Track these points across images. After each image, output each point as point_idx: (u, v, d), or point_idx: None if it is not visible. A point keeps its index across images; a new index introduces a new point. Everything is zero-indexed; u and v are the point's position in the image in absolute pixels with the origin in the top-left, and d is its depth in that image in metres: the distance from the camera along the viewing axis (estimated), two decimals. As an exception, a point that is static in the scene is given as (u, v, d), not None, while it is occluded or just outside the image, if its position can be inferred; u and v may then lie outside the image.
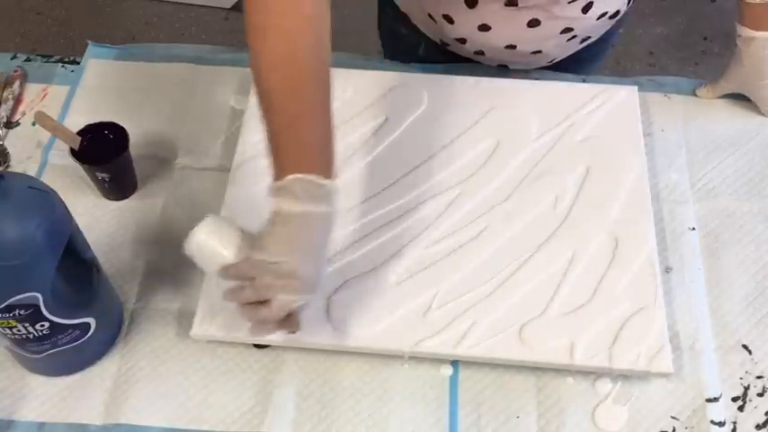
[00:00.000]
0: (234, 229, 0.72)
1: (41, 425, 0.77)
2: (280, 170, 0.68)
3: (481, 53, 0.99)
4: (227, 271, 0.70)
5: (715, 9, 2.30)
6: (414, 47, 1.05)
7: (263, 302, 0.70)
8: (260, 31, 0.70)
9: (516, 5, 0.89)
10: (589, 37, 0.99)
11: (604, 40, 1.04)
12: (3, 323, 0.69)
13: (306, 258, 0.69)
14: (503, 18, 0.92)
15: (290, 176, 0.67)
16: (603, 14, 0.94)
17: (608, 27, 1.00)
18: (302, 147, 0.69)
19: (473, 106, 0.97)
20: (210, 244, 0.70)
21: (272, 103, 0.69)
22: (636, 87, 0.99)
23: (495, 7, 0.91)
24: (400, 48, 1.08)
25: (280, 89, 0.69)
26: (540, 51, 0.97)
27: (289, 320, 0.73)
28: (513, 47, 0.96)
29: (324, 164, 0.69)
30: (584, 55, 1.03)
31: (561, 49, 0.99)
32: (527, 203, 0.89)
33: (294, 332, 0.75)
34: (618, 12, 0.96)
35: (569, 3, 0.90)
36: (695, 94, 1.02)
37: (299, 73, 0.69)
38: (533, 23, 0.92)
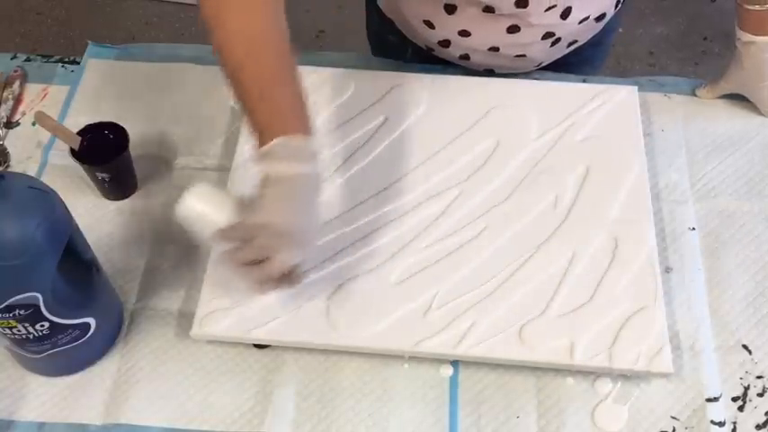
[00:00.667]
0: (224, 193, 0.74)
1: (41, 425, 0.77)
2: (262, 137, 0.70)
3: (466, 57, 0.99)
4: (222, 234, 0.71)
5: (715, 9, 2.30)
6: (401, 52, 1.05)
7: (261, 262, 0.71)
8: (216, 12, 0.72)
9: (493, 12, 0.90)
10: (576, 41, 0.99)
11: (595, 44, 1.03)
12: (3, 323, 0.69)
13: (300, 216, 0.71)
14: (482, 24, 0.92)
15: (274, 141, 0.69)
16: (586, 18, 0.94)
17: (596, 30, 0.99)
18: (279, 112, 0.71)
19: (473, 106, 0.97)
20: (202, 209, 0.71)
21: (242, 77, 0.71)
22: (636, 87, 0.99)
23: (474, 13, 0.91)
24: (388, 53, 1.08)
25: (246, 63, 0.71)
26: (524, 55, 0.97)
27: (289, 277, 0.75)
28: (495, 49, 0.96)
29: (301, 125, 0.71)
30: (572, 59, 1.03)
31: (546, 53, 0.98)
32: (527, 203, 0.89)
33: (295, 286, 0.77)
34: (604, 14, 0.95)
35: (546, 11, 0.90)
36: (695, 94, 1.02)
37: (261, 45, 0.72)
38: (513, 29, 0.92)
